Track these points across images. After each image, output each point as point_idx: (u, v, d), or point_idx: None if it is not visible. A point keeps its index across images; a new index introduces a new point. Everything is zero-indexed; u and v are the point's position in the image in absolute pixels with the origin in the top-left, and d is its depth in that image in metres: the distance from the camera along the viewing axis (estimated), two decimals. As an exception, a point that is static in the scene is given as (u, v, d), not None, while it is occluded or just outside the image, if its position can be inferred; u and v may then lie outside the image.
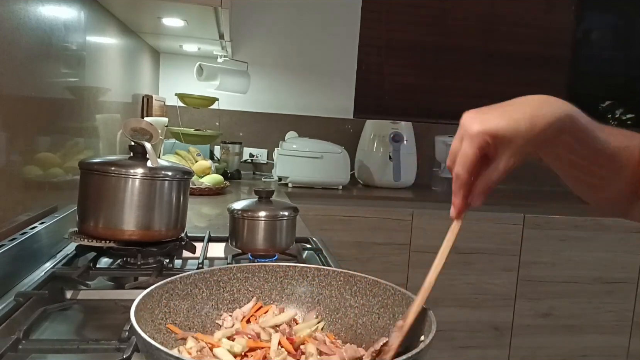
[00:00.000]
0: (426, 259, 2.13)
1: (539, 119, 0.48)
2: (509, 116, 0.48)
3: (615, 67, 3.09)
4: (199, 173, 1.88)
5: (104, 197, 0.82)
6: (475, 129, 0.48)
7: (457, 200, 0.51)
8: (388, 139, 2.32)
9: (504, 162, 0.49)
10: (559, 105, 0.49)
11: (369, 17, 2.69)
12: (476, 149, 0.48)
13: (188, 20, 1.63)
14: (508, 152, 0.48)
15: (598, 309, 2.26)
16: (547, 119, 0.48)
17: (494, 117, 0.48)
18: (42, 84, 1.00)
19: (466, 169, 0.49)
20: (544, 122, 0.48)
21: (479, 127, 0.48)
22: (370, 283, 0.60)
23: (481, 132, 0.48)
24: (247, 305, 0.60)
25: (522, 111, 0.48)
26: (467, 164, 0.49)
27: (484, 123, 0.48)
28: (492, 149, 0.49)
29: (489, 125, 0.48)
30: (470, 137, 0.48)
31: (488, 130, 0.48)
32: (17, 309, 0.64)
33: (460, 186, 0.51)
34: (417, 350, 0.43)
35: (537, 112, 0.48)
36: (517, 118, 0.48)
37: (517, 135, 0.47)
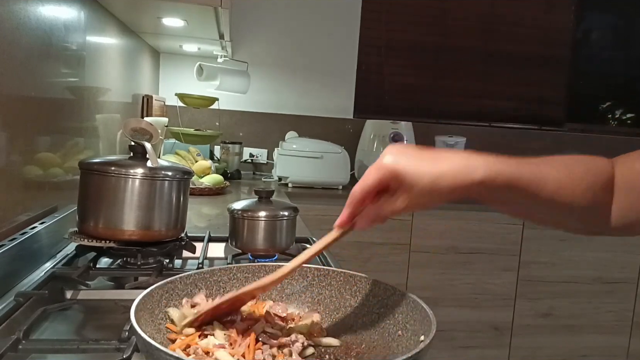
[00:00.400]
0: (426, 259, 2.15)
1: (441, 181, 0.49)
2: (420, 165, 0.50)
3: (615, 67, 3.09)
4: (199, 173, 1.88)
5: (104, 197, 0.82)
6: (385, 162, 0.51)
7: (344, 214, 0.55)
8: (388, 139, 2.32)
9: (397, 203, 0.52)
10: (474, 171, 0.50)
11: (369, 17, 2.69)
12: (377, 179, 0.51)
13: (188, 20, 1.63)
14: (404, 196, 0.51)
15: (598, 309, 2.26)
16: (448, 184, 0.49)
17: (406, 160, 0.51)
18: (42, 84, 1.00)
19: (361, 191, 0.52)
20: (444, 185, 0.49)
21: (388, 162, 0.51)
22: (370, 283, 0.60)
23: (388, 167, 0.51)
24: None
25: (433, 166, 0.50)
26: (364, 187, 0.52)
27: (395, 160, 0.51)
28: (393, 185, 0.52)
29: (397, 165, 0.50)
30: (377, 167, 0.52)
31: (394, 168, 0.50)
32: (17, 309, 0.64)
33: (350, 204, 0.54)
34: (417, 350, 0.43)
35: (444, 172, 0.49)
36: (424, 170, 0.50)
37: (416, 185, 0.50)
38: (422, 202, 0.51)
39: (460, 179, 0.49)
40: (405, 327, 0.53)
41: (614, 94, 3.10)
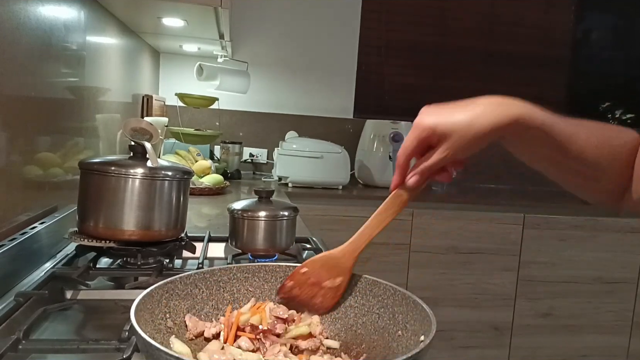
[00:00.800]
0: (426, 259, 2.15)
1: (478, 121, 0.52)
2: (452, 115, 0.53)
3: (615, 67, 3.09)
4: (199, 173, 1.88)
5: (104, 197, 0.82)
6: (419, 121, 0.55)
7: (395, 177, 0.58)
8: (388, 139, 2.32)
9: (438, 153, 0.54)
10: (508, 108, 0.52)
11: (369, 17, 2.69)
12: (415, 138, 0.55)
13: (188, 20, 1.63)
14: (444, 146, 0.54)
15: (598, 309, 2.26)
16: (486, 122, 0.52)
17: (439, 114, 0.54)
18: (42, 84, 1.00)
19: (404, 153, 0.57)
20: (480, 126, 0.52)
21: (422, 121, 0.55)
22: (370, 283, 0.60)
23: (423, 125, 0.54)
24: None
25: (467, 111, 0.53)
26: (406, 149, 0.56)
27: (428, 118, 0.54)
28: (434, 140, 0.55)
29: (430, 121, 0.54)
30: (414, 128, 0.56)
31: (428, 124, 0.54)
32: (17, 309, 0.64)
33: (398, 166, 0.58)
34: (417, 350, 0.43)
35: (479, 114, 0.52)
36: (458, 118, 0.53)
37: (453, 132, 0.53)
38: (462, 146, 0.53)
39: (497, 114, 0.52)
40: (405, 327, 0.53)
41: (614, 94, 3.10)
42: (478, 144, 0.53)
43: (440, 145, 0.54)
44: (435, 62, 2.82)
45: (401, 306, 0.55)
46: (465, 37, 2.81)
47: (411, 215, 2.09)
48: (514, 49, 2.85)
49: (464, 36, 2.81)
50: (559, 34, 2.90)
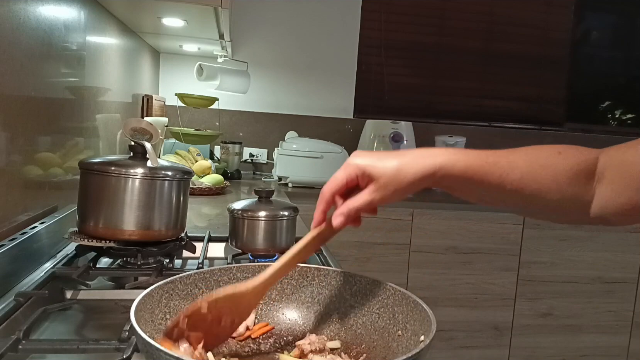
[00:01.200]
0: (426, 259, 2.15)
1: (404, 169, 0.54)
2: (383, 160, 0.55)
3: (615, 67, 3.09)
4: (199, 173, 1.88)
5: (104, 197, 0.82)
6: (351, 161, 0.57)
7: (317, 213, 0.58)
8: (388, 139, 2.32)
9: (367, 194, 0.55)
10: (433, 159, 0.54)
11: (369, 17, 2.69)
12: (345, 176, 0.56)
13: (188, 20, 1.63)
14: (371, 188, 0.55)
15: (598, 309, 2.26)
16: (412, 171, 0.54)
17: (370, 158, 0.56)
18: (42, 84, 1.00)
19: (330, 189, 0.57)
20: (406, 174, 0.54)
21: (354, 161, 0.57)
22: (370, 283, 0.60)
23: (354, 164, 0.56)
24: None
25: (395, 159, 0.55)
26: (332, 185, 0.57)
27: (360, 159, 0.56)
28: (362, 182, 0.56)
29: (362, 162, 0.56)
30: (344, 167, 0.57)
31: (360, 164, 0.56)
32: (17, 309, 0.64)
33: (321, 201, 0.58)
34: (417, 351, 0.43)
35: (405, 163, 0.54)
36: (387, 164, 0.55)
37: (382, 175, 0.54)
38: (389, 193, 0.55)
39: (421, 165, 0.54)
40: (405, 327, 0.53)
41: (614, 94, 3.10)
42: (405, 190, 0.55)
43: (368, 187, 0.55)
44: (435, 62, 2.82)
45: (401, 306, 0.55)
46: (464, 37, 2.81)
47: (411, 215, 2.09)
48: (513, 49, 2.85)
49: (463, 36, 2.81)
50: (559, 34, 2.90)
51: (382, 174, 0.54)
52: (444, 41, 2.80)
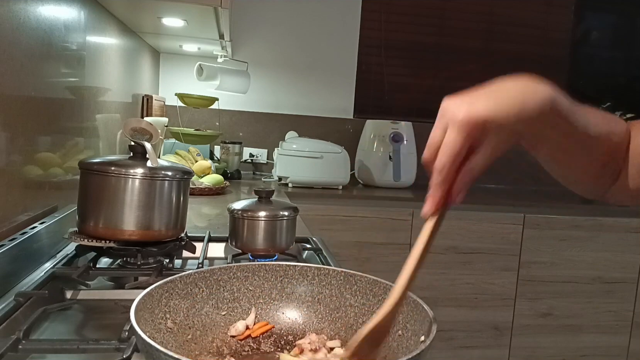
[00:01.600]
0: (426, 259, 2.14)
1: (528, 101, 0.45)
2: (498, 100, 0.45)
3: (615, 67, 3.09)
4: (199, 173, 1.88)
5: (104, 197, 0.82)
6: (462, 115, 0.44)
7: (437, 195, 0.46)
8: (388, 139, 2.32)
9: (491, 149, 0.45)
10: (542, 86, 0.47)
11: (369, 17, 2.69)
12: (465, 137, 0.44)
13: (188, 20, 1.63)
14: (497, 139, 0.45)
15: (598, 309, 2.26)
16: (537, 100, 0.45)
17: (481, 102, 0.44)
18: (42, 84, 1.00)
19: (453, 160, 0.44)
20: (533, 104, 0.45)
21: (468, 114, 0.44)
22: (370, 283, 0.60)
23: (471, 118, 0.43)
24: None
25: (510, 94, 0.45)
26: (454, 154, 0.44)
27: (472, 109, 0.44)
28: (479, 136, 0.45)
29: (478, 111, 0.44)
30: (458, 125, 0.44)
31: (477, 116, 0.43)
32: (17, 309, 0.64)
33: (444, 180, 0.45)
34: (418, 351, 0.43)
35: (525, 94, 0.45)
36: (506, 102, 0.44)
37: (508, 119, 0.44)
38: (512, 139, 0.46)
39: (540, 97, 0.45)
40: (405, 327, 0.53)
41: (614, 94, 3.10)
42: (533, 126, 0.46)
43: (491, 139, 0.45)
44: (435, 62, 2.82)
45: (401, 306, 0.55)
46: (465, 37, 2.81)
47: (411, 216, 2.09)
48: (513, 49, 2.85)
49: (463, 36, 2.81)
50: (559, 34, 2.90)
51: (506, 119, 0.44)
52: (444, 41, 2.80)
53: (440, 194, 0.46)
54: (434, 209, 0.47)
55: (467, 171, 0.45)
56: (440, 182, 0.45)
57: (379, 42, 2.74)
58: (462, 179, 0.46)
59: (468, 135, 0.44)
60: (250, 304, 0.61)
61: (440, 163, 0.45)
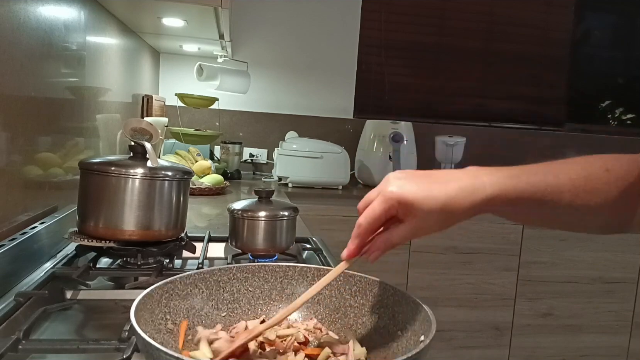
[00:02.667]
0: (426, 259, 2.14)
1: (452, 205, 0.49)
2: (427, 191, 0.49)
3: (615, 67, 3.10)
4: (199, 173, 1.88)
5: (104, 197, 0.82)
6: (391, 191, 0.50)
7: (352, 246, 0.54)
8: (388, 139, 2.32)
9: (407, 230, 0.51)
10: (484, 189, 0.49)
11: (369, 17, 2.69)
12: (384, 209, 0.51)
13: (188, 20, 1.63)
14: (414, 223, 0.51)
15: (598, 309, 2.26)
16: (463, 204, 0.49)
17: (412, 186, 0.50)
18: (42, 84, 1.00)
19: (368, 222, 0.52)
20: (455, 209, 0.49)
21: (395, 191, 0.50)
22: (370, 283, 0.60)
23: (395, 197, 0.50)
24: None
25: (443, 189, 0.49)
26: (371, 218, 0.52)
27: (401, 189, 0.50)
28: (401, 213, 0.51)
29: (404, 193, 0.50)
30: (383, 197, 0.51)
31: (401, 197, 0.50)
32: (17, 309, 0.64)
33: (358, 235, 0.53)
34: (417, 350, 0.43)
35: (455, 194, 0.49)
36: (434, 196, 0.49)
37: (427, 211, 0.49)
38: (433, 227, 0.51)
39: (471, 198, 0.49)
40: (405, 327, 0.53)
41: (614, 94, 3.10)
42: (447, 225, 0.51)
43: (410, 221, 0.51)
44: (435, 62, 2.82)
45: (401, 306, 0.55)
46: (465, 37, 2.81)
47: (411, 215, 2.09)
48: (513, 49, 2.85)
49: (463, 36, 2.81)
50: (559, 34, 2.90)
51: (427, 209, 0.49)
52: (444, 41, 2.80)
53: (354, 247, 0.54)
54: (346, 256, 0.54)
55: (383, 238, 0.53)
56: (355, 236, 0.53)
57: (379, 42, 2.74)
58: (377, 243, 0.53)
59: (388, 208, 0.51)
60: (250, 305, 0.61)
61: (360, 220, 0.53)
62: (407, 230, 0.51)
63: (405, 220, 0.51)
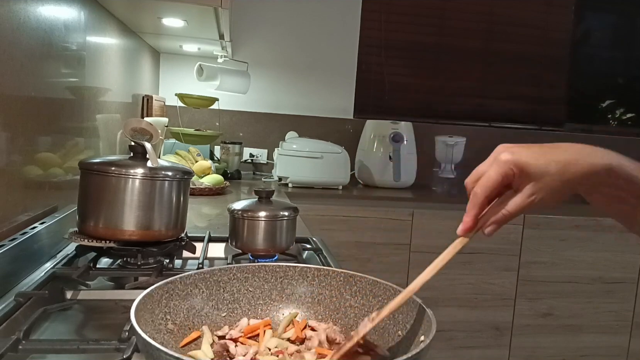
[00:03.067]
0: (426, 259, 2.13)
1: (571, 167, 0.48)
2: (543, 156, 0.49)
3: (615, 67, 3.09)
4: (199, 173, 1.88)
5: (104, 197, 0.82)
6: (505, 157, 0.49)
7: (468, 218, 0.52)
8: (388, 139, 2.32)
9: (524, 198, 0.49)
10: (599, 156, 0.49)
11: (369, 17, 2.69)
12: (501, 174, 0.49)
13: (188, 20, 1.63)
14: (531, 190, 0.49)
15: (598, 309, 2.26)
16: (580, 169, 0.48)
17: (527, 152, 0.49)
18: (42, 84, 1.00)
19: (484, 190, 0.50)
20: (575, 171, 0.48)
21: (510, 157, 0.49)
22: (370, 283, 0.60)
23: (510, 161, 0.49)
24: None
25: (558, 155, 0.49)
26: (487, 186, 0.50)
27: (516, 154, 0.49)
28: (517, 181, 0.50)
29: (520, 158, 0.49)
30: (498, 163, 0.49)
31: (517, 161, 0.49)
32: (17, 309, 0.64)
33: (475, 205, 0.51)
34: (417, 350, 0.43)
35: (572, 159, 0.48)
36: (549, 159, 0.48)
37: (544, 175, 0.48)
38: (551, 194, 0.49)
39: (589, 163, 0.48)
40: (405, 327, 0.53)
41: (614, 94, 3.10)
42: (567, 191, 0.49)
43: (524, 187, 0.49)
44: (435, 62, 2.82)
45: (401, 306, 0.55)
46: (465, 37, 2.81)
47: (411, 216, 2.09)
48: (513, 49, 2.85)
49: (463, 36, 2.81)
50: (559, 34, 2.90)
51: (545, 172, 0.48)
52: (444, 41, 2.80)
53: (470, 218, 0.52)
54: (463, 230, 0.52)
55: (498, 206, 0.51)
56: (472, 206, 0.51)
57: (379, 42, 2.74)
58: (493, 215, 0.51)
59: (504, 174, 0.49)
60: (250, 305, 0.61)
61: (475, 190, 0.51)
62: (523, 199, 0.49)
63: (521, 189, 0.49)
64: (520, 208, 0.50)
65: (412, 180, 2.39)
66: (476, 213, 0.51)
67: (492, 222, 0.51)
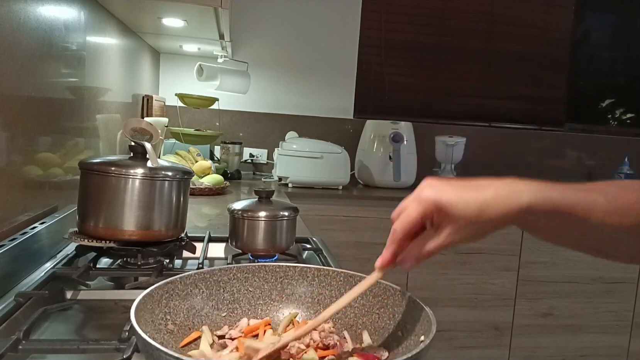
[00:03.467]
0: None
1: (488, 209, 0.47)
2: (463, 195, 0.48)
3: (615, 67, 3.10)
4: (199, 173, 1.88)
5: (104, 197, 0.82)
6: (426, 194, 0.49)
7: (387, 253, 0.52)
8: (388, 139, 2.32)
9: (443, 237, 0.49)
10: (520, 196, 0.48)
11: (369, 17, 2.69)
12: (420, 213, 0.49)
13: (188, 20, 1.63)
14: (449, 230, 0.49)
15: (598, 309, 2.26)
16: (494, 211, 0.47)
17: (448, 191, 0.49)
18: (42, 84, 1.00)
19: (403, 228, 0.50)
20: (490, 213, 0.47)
21: (432, 195, 0.49)
22: (370, 283, 0.60)
23: (431, 200, 0.49)
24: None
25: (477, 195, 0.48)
26: (406, 224, 0.50)
27: (437, 193, 0.49)
28: (437, 219, 0.50)
29: (441, 198, 0.48)
30: (418, 201, 0.50)
31: (438, 201, 0.48)
32: (17, 309, 0.64)
33: (394, 241, 0.52)
34: (417, 350, 0.43)
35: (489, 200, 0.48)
36: (469, 200, 0.48)
37: (462, 217, 0.48)
38: (469, 234, 0.49)
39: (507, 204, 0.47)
40: (405, 327, 0.53)
41: (614, 94, 3.10)
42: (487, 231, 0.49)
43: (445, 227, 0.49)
44: (435, 62, 2.82)
45: (401, 306, 0.55)
46: (465, 37, 2.81)
47: (411, 215, 2.09)
48: (513, 49, 2.85)
49: (463, 36, 2.81)
50: (559, 34, 2.90)
51: (463, 213, 0.48)
52: (444, 41, 2.80)
53: (389, 254, 0.52)
54: (380, 264, 0.53)
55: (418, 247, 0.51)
56: (390, 243, 0.52)
57: (379, 42, 2.74)
58: (412, 251, 0.51)
59: (423, 213, 0.49)
60: (250, 305, 0.61)
61: (395, 226, 0.51)
62: (442, 238, 0.50)
63: (440, 228, 0.50)
64: (439, 248, 0.50)
65: (412, 180, 2.39)
66: (394, 250, 0.52)
67: (410, 259, 0.51)
